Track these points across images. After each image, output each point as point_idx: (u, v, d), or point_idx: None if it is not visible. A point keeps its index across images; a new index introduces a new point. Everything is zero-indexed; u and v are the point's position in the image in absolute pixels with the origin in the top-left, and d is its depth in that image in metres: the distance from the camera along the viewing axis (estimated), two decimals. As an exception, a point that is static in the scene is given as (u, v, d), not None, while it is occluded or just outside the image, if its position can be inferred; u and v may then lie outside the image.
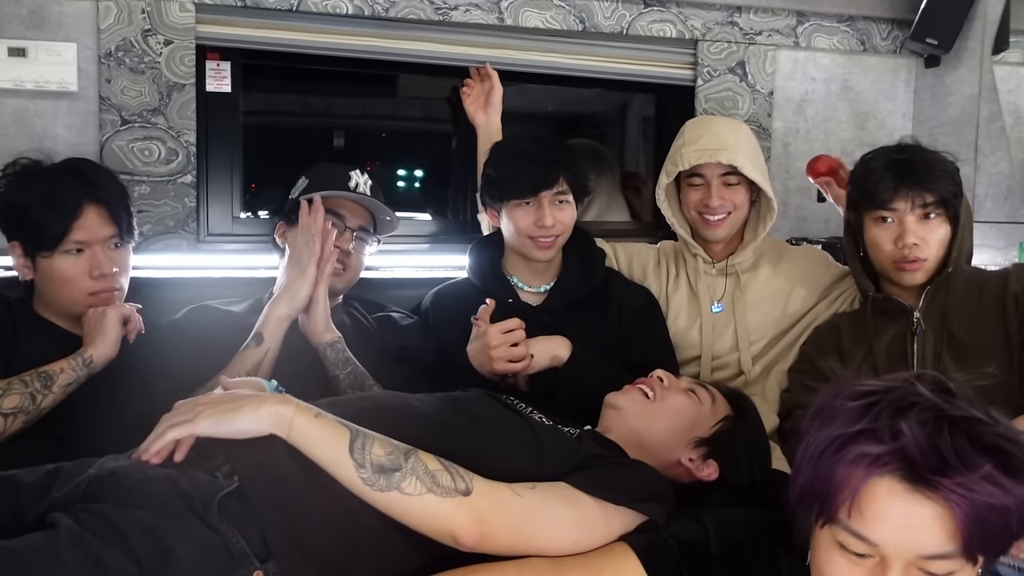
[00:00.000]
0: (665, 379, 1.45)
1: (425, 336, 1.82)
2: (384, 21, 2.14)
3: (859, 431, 0.87)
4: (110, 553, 0.94)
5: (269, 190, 2.78)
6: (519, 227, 1.76)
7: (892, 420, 0.86)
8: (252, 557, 1.00)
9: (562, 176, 1.75)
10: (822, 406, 0.94)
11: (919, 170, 1.59)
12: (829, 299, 1.93)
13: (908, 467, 0.84)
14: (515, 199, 1.75)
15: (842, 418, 0.90)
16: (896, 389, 0.90)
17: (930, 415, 0.86)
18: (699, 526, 1.16)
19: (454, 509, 1.07)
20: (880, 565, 0.86)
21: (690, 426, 1.39)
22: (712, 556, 1.12)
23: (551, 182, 1.74)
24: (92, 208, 1.55)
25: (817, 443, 0.90)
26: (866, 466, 0.85)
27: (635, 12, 2.32)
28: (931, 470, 0.83)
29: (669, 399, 1.41)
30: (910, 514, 0.84)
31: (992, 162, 2.40)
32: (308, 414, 1.11)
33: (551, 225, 1.74)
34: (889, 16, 2.54)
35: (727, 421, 1.41)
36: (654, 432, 1.38)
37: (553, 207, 1.75)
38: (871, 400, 0.89)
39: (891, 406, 0.88)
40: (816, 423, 0.93)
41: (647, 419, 1.39)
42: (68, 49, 1.91)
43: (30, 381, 1.43)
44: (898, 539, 0.84)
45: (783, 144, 2.51)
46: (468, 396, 1.35)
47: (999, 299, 1.63)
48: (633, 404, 1.41)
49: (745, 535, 1.14)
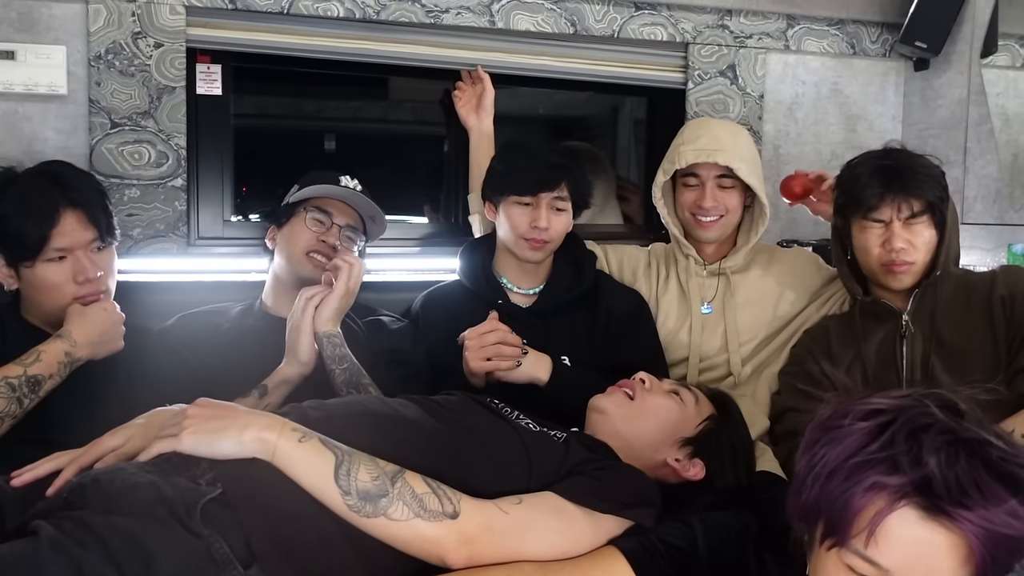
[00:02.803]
0: (647, 381, 1.46)
1: (415, 339, 1.81)
2: (375, 24, 2.14)
3: (875, 458, 0.85)
4: (91, 560, 0.93)
5: (260, 193, 2.78)
6: (514, 224, 1.76)
7: (909, 446, 0.84)
8: (235, 562, 0.99)
9: (564, 182, 1.76)
10: (828, 421, 0.91)
11: (905, 176, 1.60)
12: (819, 301, 1.94)
13: (927, 498, 0.82)
14: (515, 195, 1.76)
15: (853, 439, 0.87)
16: (907, 409, 0.87)
17: (944, 439, 0.84)
18: (687, 529, 1.16)
19: (442, 533, 1.07)
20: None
21: (675, 426, 1.40)
22: (700, 559, 1.12)
23: (553, 185, 1.74)
24: (70, 213, 1.53)
25: (826, 463, 0.88)
26: (886, 496, 0.83)
27: (626, 15, 2.33)
28: (952, 502, 0.81)
29: (650, 400, 1.42)
30: (926, 542, 0.83)
31: (981, 165, 2.41)
32: (292, 439, 1.10)
33: (545, 228, 1.74)
34: (879, 20, 2.55)
35: (711, 420, 1.43)
36: (639, 433, 1.39)
37: (550, 212, 1.75)
38: (883, 421, 0.87)
39: (904, 428, 0.86)
40: (823, 439, 0.90)
41: (631, 421, 1.40)
42: (57, 52, 1.90)
43: (18, 386, 1.42)
44: (911, 565, 0.83)
45: (773, 147, 2.52)
46: (452, 401, 1.34)
47: (987, 301, 1.64)
48: (615, 407, 1.42)
49: (733, 538, 1.15)
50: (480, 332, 1.62)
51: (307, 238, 1.74)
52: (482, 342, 1.61)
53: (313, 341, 1.60)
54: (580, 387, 1.57)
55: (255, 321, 1.76)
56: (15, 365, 1.44)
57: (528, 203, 1.75)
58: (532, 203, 1.75)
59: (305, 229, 1.75)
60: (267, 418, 1.13)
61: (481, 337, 1.62)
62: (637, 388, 1.44)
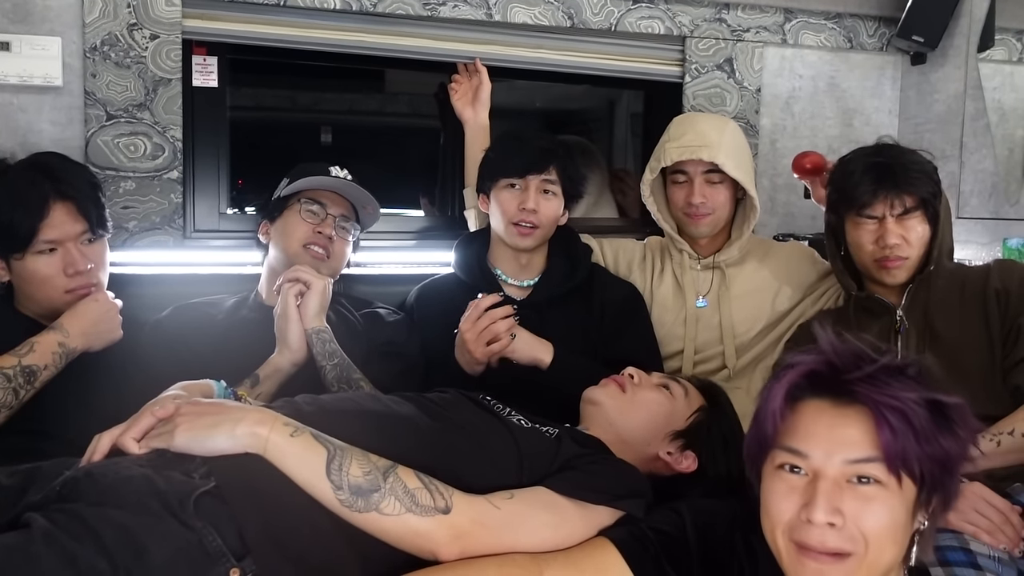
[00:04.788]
0: (636, 376, 1.47)
1: (411, 332, 1.82)
2: (372, 16, 2.14)
3: (790, 363, 0.97)
4: (84, 552, 0.94)
5: (256, 186, 2.77)
6: (504, 209, 1.78)
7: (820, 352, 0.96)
8: (228, 555, 0.99)
9: (553, 166, 1.77)
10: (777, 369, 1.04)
11: (897, 172, 1.60)
12: (814, 296, 1.95)
13: (827, 380, 0.94)
14: (503, 178, 1.77)
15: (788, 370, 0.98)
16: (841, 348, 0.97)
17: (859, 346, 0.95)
18: (676, 516, 1.18)
19: (434, 527, 1.07)
20: (811, 483, 0.92)
21: (666, 420, 1.41)
22: (689, 544, 1.14)
23: (541, 167, 1.76)
24: (60, 205, 1.53)
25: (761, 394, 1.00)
26: (796, 392, 0.95)
27: (623, 8, 2.33)
28: (846, 369, 0.93)
29: (640, 394, 1.43)
30: (834, 425, 0.93)
31: (977, 159, 2.41)
32: (284, 433, 1.10)
33: (533, 209, 1.75)
34: (876, 14, 2.55)
35: (702, 412, 1.43)
36: (631, 426, 1.39)
37: (539, 195, 1.76)
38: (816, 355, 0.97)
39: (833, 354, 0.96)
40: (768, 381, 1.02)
41: (623, 413, 1.41)
42: (53, 43, 1.90)
43: (13, 376, 1.42)
44: (826, 448, 0.92)
45: (770, 141, 2.52)
46: (445, 399, 1.34)
47: (981, 295, 1.64)
48: (609, 398, 1.43)
49: (720, 523, 1.16)
50: (471, 321, 1.63)
51: (303, 230, 1.75)
52: (476, 329, 1.62)
53: (302, 328, 1.60)
54: (581, 374, 1.58)
55: (249, 312, 1.77)
56: (9, 356, 1.44)
57: (517, 185, 1.76)
58: (521, 185, 1.76)
59: (300, 222, 1.75)
60: (259, 413, 1.13)
61: (474, 326, 1.62)
62: (627, 384, 1.45)
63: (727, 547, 1.13)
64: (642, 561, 1.11)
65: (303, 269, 1.66)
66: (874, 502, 0.91)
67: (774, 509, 0.95)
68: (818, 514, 0.90)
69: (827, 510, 0.90)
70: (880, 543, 0.90)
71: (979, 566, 1.27)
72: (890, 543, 0.91)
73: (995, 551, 1.29)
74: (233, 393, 1.34)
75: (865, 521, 0.90)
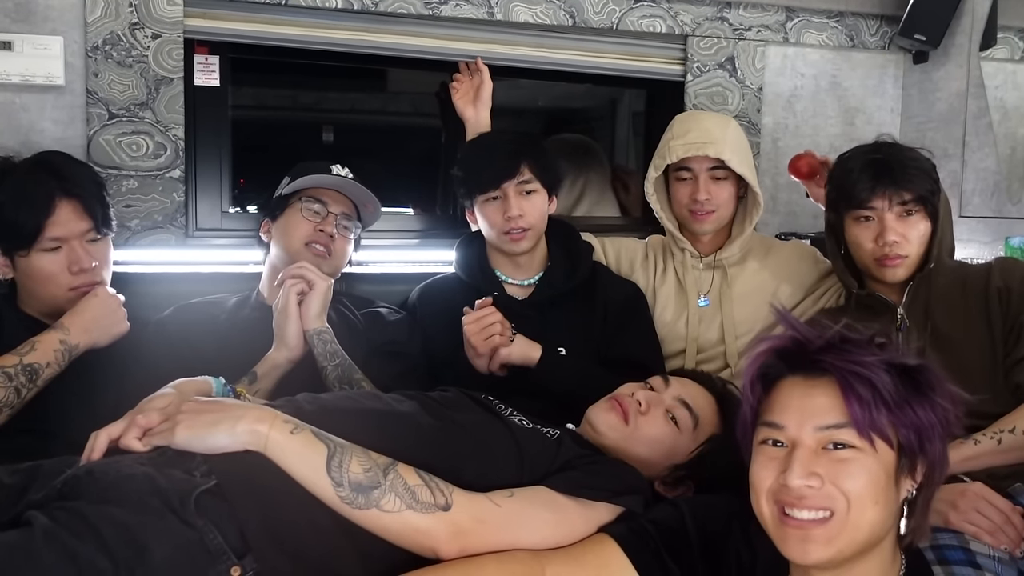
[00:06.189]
0: (643, 401, 1.37)
1: (412, 331, 1.82)
2: (374, 15, 2.14)
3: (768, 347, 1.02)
4: (85, 550, 0.94)
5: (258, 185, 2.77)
6: (491, 222, 1.78)
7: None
8: (229, 553, 1.00)
9: (524, 165, 1.76)
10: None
11: (895, 170, 1.60)
12: (815, 295, 1.95)
13: (797, 349, 0.99)
14: (481, 194, 1.77)
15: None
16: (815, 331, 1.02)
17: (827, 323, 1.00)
18: (674, 509, 1.19)
19: (434, 524, 1.07)
20: (790, 453, 0.97)
21: (667, 455, 1.35)
22: (689, 535, 1.14)
23: (512, 172, 1.75)
24: (65, 203, 1.54)
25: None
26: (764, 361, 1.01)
27: (625, 7, 2.33)
28: (810, 344, 0.98)
29: (645, 428, 1.35)
30: (805, 396, 0.98)
31: (979, 158, 2.41)
32: (284, 430, 1.10)
33: (519, 215, 1.74)
34: (878, 12, 2.55)
35: (709, 443, 1.36)
36: (629, 456, 1.34)
37: (520, 198, 1.76)
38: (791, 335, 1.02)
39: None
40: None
41: (624, 444, 1.35)
42: (55, 42, 1.90)
43: (15, 375, 1.43)
44: (799, 418, 0.97)
45: (772, 140, 2.52)
46: (447, 398, 1.34)
47: (982, 293, 1.64)
48: (610, 429, 1.36)
49: (718, 514, 1.17)
50: (477, 316, 1.64)
51: (305, 229, 1.75)
52: (482, 324, 1.63)
53: (300, 326, 1.60)
54: (569, 374, 1.57)
55: (251, 311, 1.77)
56: (11, 355, 1.44)
57: (496, 196, 1.76)
58: (499, 195, 1.76)
59: (302, 220, 1.75)
60: (259, 410, 1.13)
61: (479, 320, 1.63)
62: (631, 414, 1.36)
63: (725, 537, 1.14)
64: (643, 555, 1.12)
65: (308, 267, 1.65)
66: (850, 463, 0.95)
67: (756, 478, 1.00)
68: (793, 478, 0.94)
69: (802, 474, 0.94)
70: (860, 501, 0.94)
71: (978, 565, 1.27)
72: (870, 502, 0.94)
73: (995, 551, 1.29)
74: (232, 390, 1.34)
75: (843, 481, 0.94)
